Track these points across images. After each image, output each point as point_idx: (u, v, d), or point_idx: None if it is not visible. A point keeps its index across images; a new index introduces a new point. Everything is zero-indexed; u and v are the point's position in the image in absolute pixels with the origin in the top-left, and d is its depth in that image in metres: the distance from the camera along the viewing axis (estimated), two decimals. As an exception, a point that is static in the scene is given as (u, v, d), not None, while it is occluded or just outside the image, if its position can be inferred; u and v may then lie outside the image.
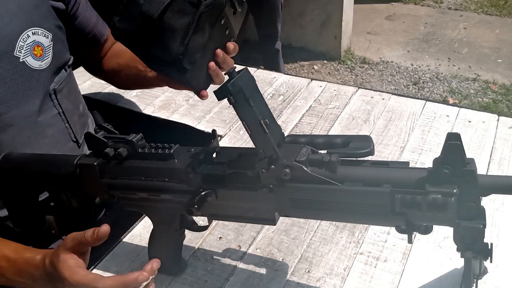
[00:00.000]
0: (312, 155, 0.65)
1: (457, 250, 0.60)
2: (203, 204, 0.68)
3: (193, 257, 0.84)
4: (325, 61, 3.59)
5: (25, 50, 0.87)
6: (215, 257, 0.84)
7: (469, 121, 1.15)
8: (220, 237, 0.88)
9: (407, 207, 0.58)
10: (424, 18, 4.17)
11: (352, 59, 3.60)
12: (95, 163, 0.75)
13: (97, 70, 1.15)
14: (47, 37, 0.91)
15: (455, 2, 4.43)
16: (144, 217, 0.93)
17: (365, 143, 0.66)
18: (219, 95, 0.60)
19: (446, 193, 0.56)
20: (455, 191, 0.56)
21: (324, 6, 3.44)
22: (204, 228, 0.76)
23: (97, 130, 0.77)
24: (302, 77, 1.38)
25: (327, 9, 3.45)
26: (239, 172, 0.66)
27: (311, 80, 1.36)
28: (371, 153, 0.65)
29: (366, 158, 0.65)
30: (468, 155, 0.57)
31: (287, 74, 1.42)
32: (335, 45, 3.56)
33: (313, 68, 3.53)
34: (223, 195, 0.69)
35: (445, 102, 2.48)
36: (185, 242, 0.86)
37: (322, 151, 0.67)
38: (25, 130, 0.88)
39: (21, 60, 0.86)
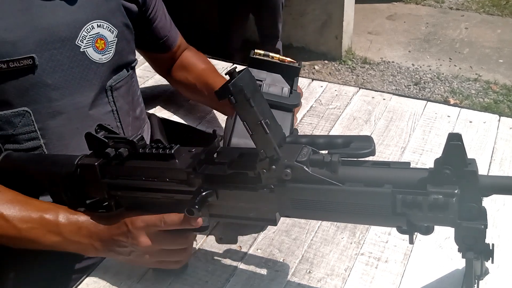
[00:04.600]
0: (313, 156, 0.64)
1: (458, 251, 0.60)
2: (204, 205, 0.68)
3: (194, 258, 0.84)
4: (326, 61, 3.59)
5: (87, 41, 0.87)
6: (215, 257, 0.84)
7: (470, 122, 1.15)
8: (221, 238, 0.88)
9: (408, 208, 0.58)
10: (425, 18, 4.17)
11: (353, 59, 3.60)
12: (96, 163, 0.76)
13: (165, 75, 1.19)
14: (112, 33, 0.91)
15: (457, 2, 4.42)
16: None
17: (366, 143, 0.66)
18: (220, 95, 0.60)
19: (447, 193, 0.56)
20: (456, 191, 0.56)
21: (325, 6, 3.44)
22: (205, 228, 0.76)
23: (98, 130, 0.77)
24: (303, 77, 1.37)
25: (328, 9, 3.45)
26: (240, 172, 0.66)
27: (312, 80, 1.36)
28: (372, 153, 0.65)
29: (367, 159, 0.65)
30: (469, 155, 0.56)
31: (288, 74, 1.41)
32: (336, 45, 3.56)
33: (314, 68, 3.53)
34: (224, 195, 0.69)
35: (446, 102, 2.47)
36: (186, 243, 0.86)
37: (323, 152, 0.67)
38: (74, 120, 0.88)
39: (81, 50, 0.87)
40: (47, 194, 0.83)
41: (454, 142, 0.55)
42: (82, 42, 0.87)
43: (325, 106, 1.24)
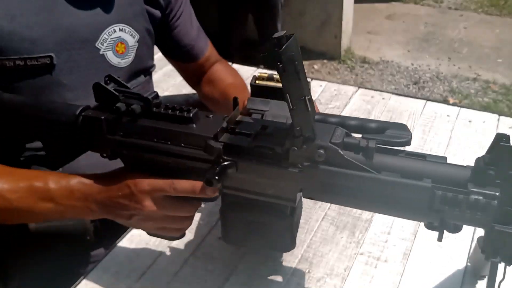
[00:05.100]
0: (347, 138, 0.61)
1: (481, 252, 0.58)
2: (223, 176, 0.64)
3: (193, 257, 0.84)
4: (325, 61, 3.59)
5: (107, 44, 0.86)
6: (215, 256, 0.84)
7: (470, 121, 1.15)
8: (220, 237, 0.88)
9: (446, 205, 0.56)
10: (424, 18, 4.17)
11: (352, 59, 3.60)
12: (103, 117, 0.69)
13: (194, 86, 1.16)
14: (134, 37, 0.90)
15: (455, 1, 4.43)
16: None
17: (403, 131, 0.63)
18: (267, 60, 0.54)
19: (489, 195, 0.54)
20: (497, 194, 0.54)
21: (324, 5, 3.44)
22: (215, 199, 0.71)
23: (108, 82, 0.71)
24: (302, 76, 1.37)
25: (327, 9, 3.45)
26: (266, 146, 0.62)
27: (311, 80, 1.36)
28: (409, 143, 0.62)
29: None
30: (469, 155, 0.56)
31: (287, 73, 1.41)
32: (335, 45, 3.56)
33: (313, 67, 3.53)
34: (244, 168, 0.64)
35: (445, 102, 2.47)
36: (185, 242, 0.86)
37: (357, 135, 0.63)
38: None
39: (101, 53, 0.86)
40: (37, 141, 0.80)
41: (504, 143, 0.54)
42: (102, 45, 0.86)
43: (325, 105, 1.24)
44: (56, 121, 0.73)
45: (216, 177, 0.62)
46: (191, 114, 0.66)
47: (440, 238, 0.59)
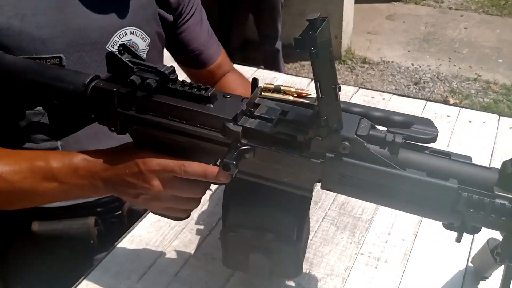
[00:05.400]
0: (373, 131, 0.58)
1: (496, 255, 0.58)
2: (241, 161, 0.61)
3: (193, 258, 0.84)
4: (325, 61, 3.59)
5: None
6: (215, 257, 0.84)
7: (470, 121, 1.15)
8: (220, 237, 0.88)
9: (470, 207, 0.55)
10: (425, 18, 4.18)
11: (353, 59, 3.60)
12: (115, 89, 0.66)
13: None
14: (145, 41, 0.89)
15: (456, 2, 4.43)
16: (144, 217, 0.93)
17: (429, 128, 0.60)
18: (300, 44, 0.50)
19: None
20: None
21: (325, 5, 3.44)
22: (226, 182, 0.67)
23: (122, 52, 0.67)
24: (302, 76, 1.38)
25: (327, 9, 3.45)
26: (287, 134, 0.60)
27: (312, 80, 1.36)
28: (435, 140, 0.59)
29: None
30: (469, 155, 0.56)
31: (288, 74, 1.41)
32: (336, 45, 3.56)
33: (314, 68, 3.53)
34: (263, 154, 0.61)
35: (445, 102, 2.47)
36: (185, 243, 0.86)
37: (382, 128, 0.60)
38: (94, 125, 0.85)
39: None
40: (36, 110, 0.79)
41: None
42: (113, 48, 0.85)
43: (325, 106, 1.24)
44: (62, 88, 0.69)
45: (234, 162, 0.60)
46: (209, 94, 0.63)
47: (459, 239, 0.58)
